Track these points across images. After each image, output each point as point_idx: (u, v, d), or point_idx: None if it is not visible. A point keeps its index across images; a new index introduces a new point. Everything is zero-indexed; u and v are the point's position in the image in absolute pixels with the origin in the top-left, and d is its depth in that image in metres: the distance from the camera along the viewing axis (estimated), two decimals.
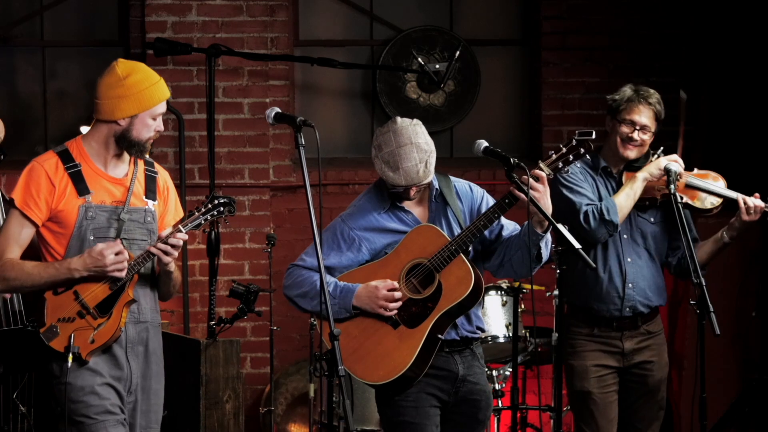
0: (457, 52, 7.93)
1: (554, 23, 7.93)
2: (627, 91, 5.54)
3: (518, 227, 4.98)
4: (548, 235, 4.85)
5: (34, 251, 4.69)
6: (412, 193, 4.89)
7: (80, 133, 7.24)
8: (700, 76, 7.89)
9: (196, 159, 7.66)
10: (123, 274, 4.57)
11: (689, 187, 5.51)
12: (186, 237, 4.64)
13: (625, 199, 5.39)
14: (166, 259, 4.62)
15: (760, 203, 5.42)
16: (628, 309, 5.47)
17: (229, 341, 6.63)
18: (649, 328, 5.55)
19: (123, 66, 4.68)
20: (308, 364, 6.81)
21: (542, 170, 4.80)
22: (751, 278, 7.29)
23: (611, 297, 5.46)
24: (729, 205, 5.50)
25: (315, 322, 6.63)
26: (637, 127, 5.48)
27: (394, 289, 4.83)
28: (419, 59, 7.92)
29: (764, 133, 7.55)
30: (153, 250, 4.60)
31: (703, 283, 5.12)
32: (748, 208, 5.41)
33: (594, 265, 4.95)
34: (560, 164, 4.84)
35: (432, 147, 4.86)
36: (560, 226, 4.75)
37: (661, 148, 5.52)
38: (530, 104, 8.15)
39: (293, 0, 7.97)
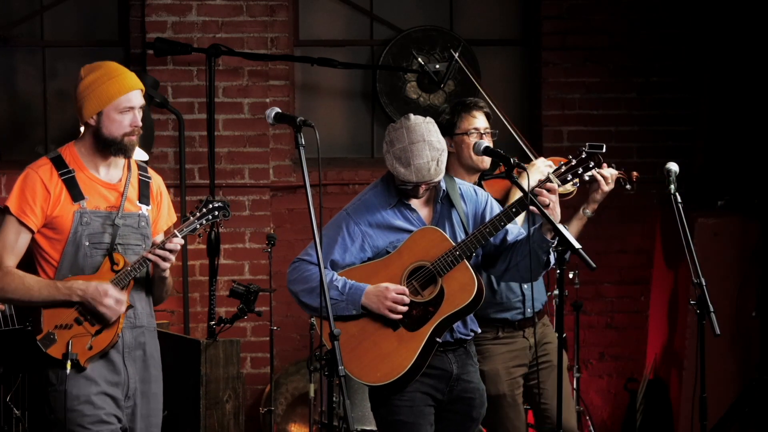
0: (457, 52, 7.93)
1: (554, 23, 7.93)
2: (448, 108, 5.65)
3: (522, 232, 4.98)
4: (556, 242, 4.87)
5: (27, 257, 4.69)
6: (421, 190, 4.89)
7: (80, 133, 7.28)
8: (700, 76, 7.89)
9: (196, 159, 7.66)
10: (112, 318, 4.57)
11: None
12: (182, 242, 4.64)
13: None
14: (164, 265, 4.63)
15: (614, 171, 5.51)
16: (530, 311, 5.56)
17: (229, 341, 6.63)
18: (542, 320, 5.70)
19: (85, 68, 4.72)
20: (308, 364, 6.81)
21: (551, 181, 4.85)
22: (751, 278, 7.29)
23: (512, 303, 5.53)
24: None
25: (315, 322, 6.63)
26: (482, 132, 5.56)
27: (403, 293, 4.83)
28: (419, 59, 7.92)
29: (764, 133, 7.55)
30: (150, 256, 4.60)
31: (703, 283, 5.12)
32: (605, 179, 5.47)
33: (594, 266, 4.95)
34: (569, 176, 4.89)
35: (444, 146, 4.86)
36: (560, 227, 4.76)
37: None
38: (530, 104, 8.15)
39: (293, 0, 7.97)
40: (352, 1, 8.07)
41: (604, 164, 5.52)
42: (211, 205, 4.72)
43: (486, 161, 5.57)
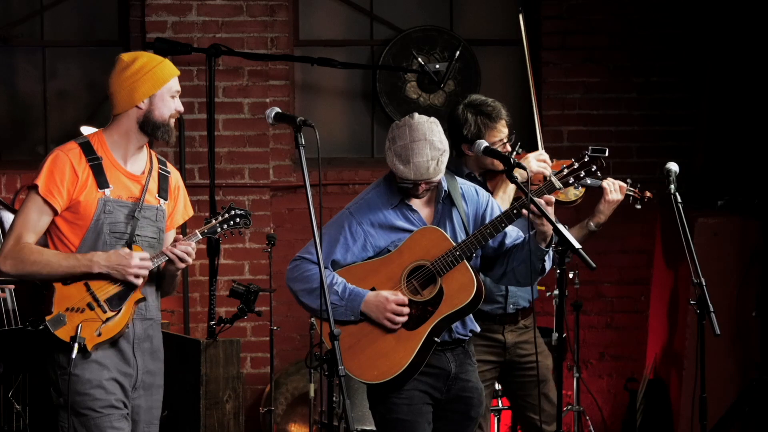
0: (457, 52, 7.94)
1: (554, 23, 7.93)
2: (469, 115, 5.51)
3: (521, 235, 4.98)
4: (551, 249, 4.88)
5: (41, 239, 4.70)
6: (420, 189, 4.88)
7: (80, 133, 7.28)
8: (700, 76, 7.89)
9: (196, 159, 7.66)
10: (139, 281, 4.61)
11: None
12: (195, 246, 4.70)
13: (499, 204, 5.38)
14: (181, 265, 4.68)
15: (623, 184, 5.51)
16: (511, 306, 5.55)
17: (229, 341, 6.63)
18: (526, 322, 5.64)
19: (127, 55, 4.74)
20: (307, 361, 6.81)
21: (553, 183, 4.86)
22: (751, 278, 7.29)
23: (494, 296, 5.50)
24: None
25: (315, 322, 6.64)
26: (504, 141, 5.54)
27: (403, 304, 4.84)
28: (419, 59, 7.92)
29: (764, 133, 7.55)
30: (169, 253, 4.64)
31: (703, 283, 5.12)
32: (612, 190, 5.47)
33: (594, 266, 4.95)
34: (571, 179, 4.90)
35: (446, 146, 4.86)
36: (560, 227, 4.76)
37: (518, 143, 5.52)
38: (530, 104, 8.14)
39: (293, 0, 7.97)
40: (352, 1, 8.08)
41: (618, 181, 5.53)
42: (233, 212, 4.79)
43: (498, 163, 5.53)
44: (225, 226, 4.77)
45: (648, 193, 5.61)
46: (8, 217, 6.04)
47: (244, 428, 6.74)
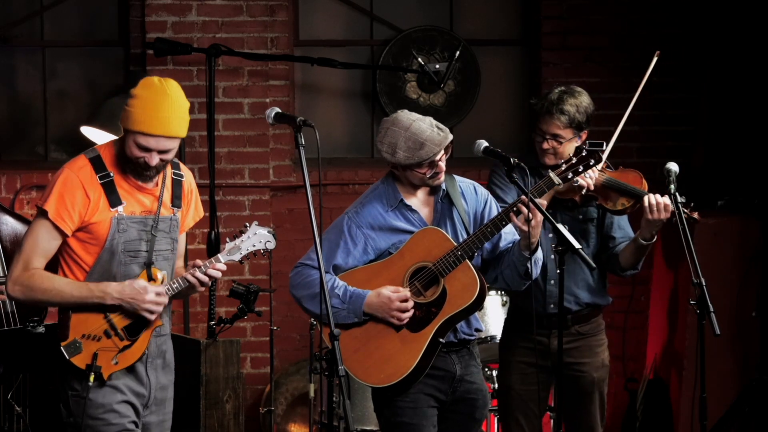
0: (457, 52, 7.93)
1: (554, 23, 7.93)
2: (549, 95, 5.45)
3: (516, 238, 4.98)
4: (538, 254, 4.87)
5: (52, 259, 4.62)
6: (442, 164, 4.86)
7: (80, 133, 7.27)
8: (700, 76, 7.89)
9: (196, 159, 7.66)
10: (153, 317, 4.52)
11: (604, 186, 5.37)
12: (224, 268, 4.59)
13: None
14: (200, 288, 4.62)
15: (667, 203, 5.27)
16: (552, 306, 5.37)
17: (229, 341, 6.62)
18: (581, 329, 5.49)
19: (146, 80, 4.54)
20: (308, 364, 6.81)
21: (552, 179, 4.86)
22: (751, 278, 7.29)
23: (534, 293, 5.27)
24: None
25: (315, 322, 6.63)
26: (546, 137, 5.42)
27: (406, 299, 4.83)
28: (419, 59, 7.92)
29: (764, 133, 7.55)
30: (190, 279, 4.55)
31: (703, 283, 5.12)
32: (651, 206, 5.25)
33: (594, 266, 4.95)
34: (570, 174, 4.90)
35: (426, 116, 4.90)
36: (560, 227, 4.77)
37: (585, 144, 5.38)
38: (530, 104, 8.14)
39: (293, 0, 7.97)
40: (352, 1, 8.07)
41: (664, 200, 5.27)
42: (256, 233, 4.65)
43: (546, 160, 5.38)
44: (249, 247, 4.63)
45: (696, 215, 5.35)
46: (7, 221, 6.02)
47: (244, 428, 6.74)
